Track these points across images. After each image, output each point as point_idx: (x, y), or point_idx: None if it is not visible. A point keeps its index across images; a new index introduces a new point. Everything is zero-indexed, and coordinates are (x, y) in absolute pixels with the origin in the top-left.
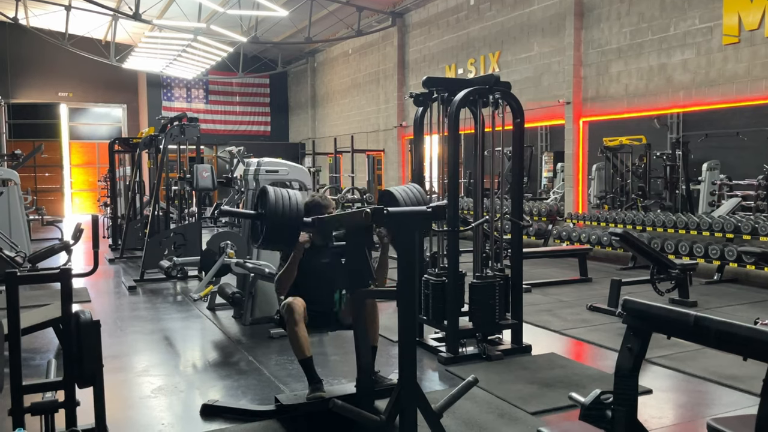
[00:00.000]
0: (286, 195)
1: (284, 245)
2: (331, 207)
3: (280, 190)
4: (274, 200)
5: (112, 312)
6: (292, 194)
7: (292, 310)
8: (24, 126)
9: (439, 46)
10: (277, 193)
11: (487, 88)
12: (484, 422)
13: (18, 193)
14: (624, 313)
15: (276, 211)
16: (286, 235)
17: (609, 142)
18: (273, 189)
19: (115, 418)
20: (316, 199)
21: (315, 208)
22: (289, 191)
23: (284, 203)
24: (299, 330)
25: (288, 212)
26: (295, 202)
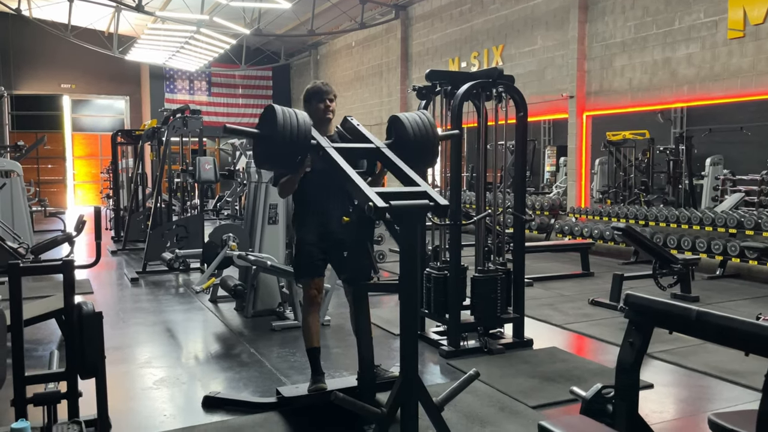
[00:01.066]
0: (293, 114)
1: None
2: (332, 93)
3: (289, 111)
4: (281, 119)
5: (115, 303)
6: (300, 114)
7: (310, 301)
8: (27, 117)
9: (442, 39)
10: (284, 112)
11: (491, 81)
12: (485, 416)
13: (21, 184)
14: (626, 307)
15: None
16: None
17: (612, 137)
18: (281, 108)
19: (117, 409)
20: (318, 85)
21: (315, 95)
22: (297, 112)
23: (291, 123)
24: (312, 320)
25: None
26: (303, 122)
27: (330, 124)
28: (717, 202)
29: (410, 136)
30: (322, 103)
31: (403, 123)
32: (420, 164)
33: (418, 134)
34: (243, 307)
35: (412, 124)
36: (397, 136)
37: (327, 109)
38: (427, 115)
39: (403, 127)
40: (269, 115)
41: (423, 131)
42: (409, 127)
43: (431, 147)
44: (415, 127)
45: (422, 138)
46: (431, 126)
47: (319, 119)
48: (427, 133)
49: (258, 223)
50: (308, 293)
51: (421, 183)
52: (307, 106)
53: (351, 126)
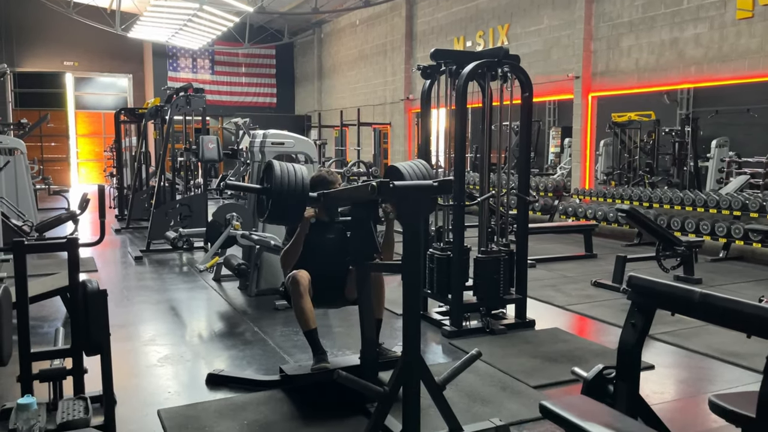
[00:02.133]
0: (291, 170)
1: (290, 220)
2: (337, 183)
3: (286, 165)
4: (279, 175)
5: (119, 282)
6: (298, 169)
7: (297, 283)
8: (30, 95)
9: (447, 17)
10: (282, 168)
11: (496, 61)
12: (486, 395)
13: (25, 162)
14: (629, 289)
15: (282, 186)
16: (291, 210)
17: (617, 118)
18: (279, 163)
19: (122, 386)
20: (323, 174)
21: (321, 184)
22: (295, 166)
23: (290, 178)
24: (304, 302)
25: (294, 187)
26: (300, 177)
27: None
28: (722, 184)
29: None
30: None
31: (401, 173)
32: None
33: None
34: (246, 286)
35: (410, 173)
36: None
37: None
38: (424, 164)
39: (401, 176)
40: (269, 171)
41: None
42: (408, 177)
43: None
44: (413, 177)
45: None
46: (429, 174)
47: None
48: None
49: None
50: (293, 275)
51: None
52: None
53: None
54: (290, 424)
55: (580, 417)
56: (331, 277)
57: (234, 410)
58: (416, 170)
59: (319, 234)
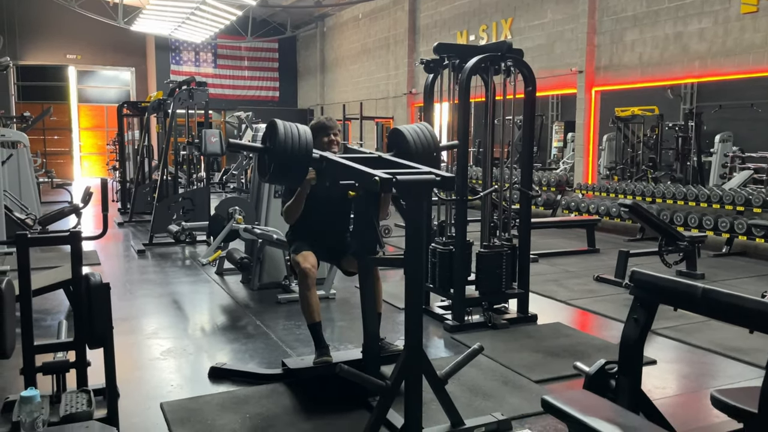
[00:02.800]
0: (295, 129)
1: (291, 181)
2: (336, 128)
3: (290, 125)
4: (283, 135)
5: (122, 275)
6: (302, 129)
7: (305, 275)
8: (32, 88)
9: (450, 11)
10: (286, 127)
11: (499, 55)
12: (488, 389)
13: (27, 155)
14: (631, 284)
15: (285, 146)
16: (294, 171)
17: (621, 113)
18: (283, 123)
19: (125, 379)
20: (322, 120)
21: (320, 130)
22: (299, 126)
23: (293, 138)
24: (311, 295)
25: (297, 147)
26: (305, 138)
27: None
28: (725, 179)
29: (412, 148)
30: (326, 137)
31: (404, 135)
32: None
33: (420, 146)
34: (249, 280)
35: (413, 136)
36: (398, 149)
37: (331, 143)
38: (428, 127)
39: (404, 139)
40: (272, 130)
41: (424, 143)
42: (411, 140)
43: (433, 159)
44: (416, 139)
45: (424, 150)
46: (432, 138)
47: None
48: (428, 144)
49: (264, 196)
50: (302, 268)
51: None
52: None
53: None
54: (292, 418)
55: (582, 412)
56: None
57: (236, 403)
58: (421, 136)
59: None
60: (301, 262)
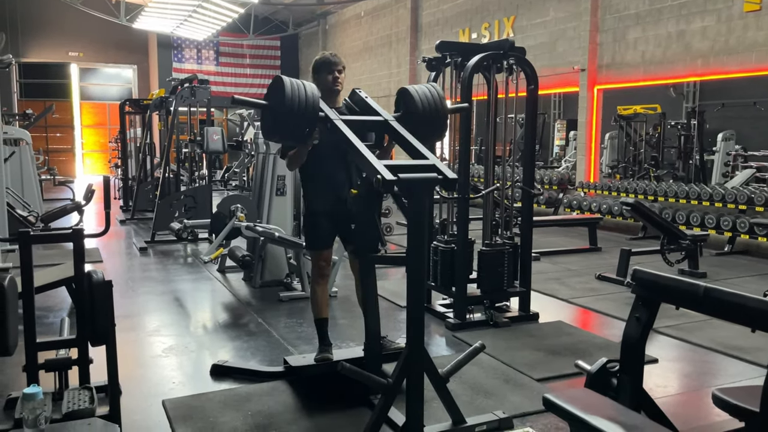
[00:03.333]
0: (301, 86)
1: (295, 140)
2: (341, 64)
3: (297, 81)
4: (290, 92)
5: (124, 272)
6: (308, 86)
7: (319, 273)
8: (35, 85)
9: (453, 9)
10: (292, 84)
11: (502, 53)
12: (490, 387)
13: (30, 152)
14: (633, 282)
15: (291, 104)
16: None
17: (623, 111)
18: (289, 80)
19: (127, 376)
20: (326, 55)
21: (324, 66)
22: (305, 83)
23: (300, 95)
24: (321, 290)
25: (303, 105)
26: (311, 96)
27: (338, 96)
28: (728, 178)
29: (419, 109)
30: (330, 74)
31: (412, 96)
32: (429, 137)
33: (427, 107)
34: (251, 278)
35: (421, 96)
36: (405, 109)
37: (335, 80)
38: (436, 88)
39: (412, 99)
40: (277, 86)
41: (432, 104)
42: (418, 100)
43: (440, 120)
44: (424, 100)
45: (431, 111)
46: (440, 99)
47: (328, 91)
48: (436, 106)
49: (266, 194)
50: (317, 264)
51: (430, 156)
52: (315, 78)
53: (359, 98)
54: (294, 415)
55: (584, 410)
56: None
57: (238, 401)
58: (428, 95)
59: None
60: (317, 259)
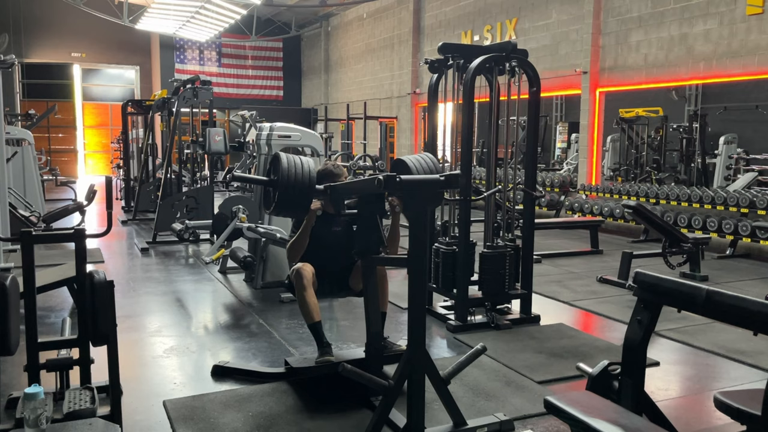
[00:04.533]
0: (298, 162)
1: (296, 212)
2: (343, 176)
3: (293, 157)
4: (286, 167)
5: (125, 273)
6: (305, 161)
7: (300, 276)
8: (37, 86)
9: (455, 11)
10: (290, 160)
11: (504, 55)
12: (491, 390)
13: (32, 153)
14: (635, 285)
15: (288, 178)
16: (298, 202)
17: (625, 114)
18: (286, 156)
19: (128, 376)
20: (329, 167)
21: (327, 177)
22: (302, 158)
23: (297, 170)
24: (308, 295)
25: (300, 179)
26: (308, 169)
27: None
28: (729, 181)
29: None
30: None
31: (407, 166)
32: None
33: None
34: (252, 279)
35: (416, 166)
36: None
37: None
38: (431, 158)
39: (407, 169)
40: (276, 163)
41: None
42: (414, 170)
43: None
44: (420, 170)
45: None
46: (436, 168)
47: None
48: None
49: None
50: (298, 270)
51: None
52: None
53: None
54: (295, 417)
55: (585, 413)
56: (336, 268)
57: (239, 402)
58: (423, 164)
59: (325, 226)
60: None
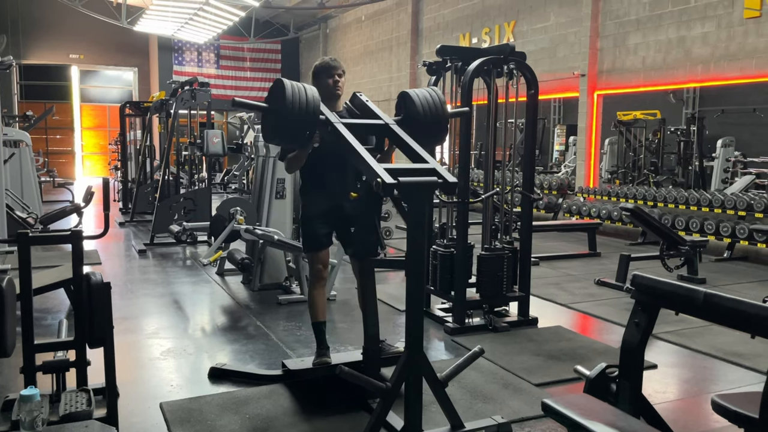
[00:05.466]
0: (302, 89)
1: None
2: (341, 69)
3: (298, 85)
4: (290, 95)
5: (123, 275)
6: (309, 89)
7: (316, 276)
8: (35, 87)
9: (453, 14)
10: (293, 87)
11: (502, 58)
12: (488, 392)
13: (30, 154)
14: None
15: (291, 107)
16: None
17: (623, 116)
18: (290, 82)
19: (125, 379)
20: (326, 60)
21: (325, 71)
22: (306, 86)
23: (300, 98)
24: (318, 293)
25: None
26: (312, 99)
27: (339, 100)
28: (727, 184)
29: (420, 112)
30: (330, 78)
31: (412, 99)
32: (429, 141)
33: (428, 111)
34: (250, 281)
35: (421, 100)
36: (406, 113)
37: (336, 84)
38: (437, 92)
39: (412, 103)
40: (278, 89)
41: (433, 108)
42: (419, 104)
43: (441, 124)
44: (425, 104)
45: (432, 115)
46: (441, 103)
47: (328, 95)
48: (436, 109)
49: (265, 197)
50: (314, 267)
51: (430, 160)
52: (315, 82)
53: (360, 102)
54: (292, 419)
55: (583, 415)
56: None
57: (236, 404)
58: (429, 99)
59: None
60: (314, 262)
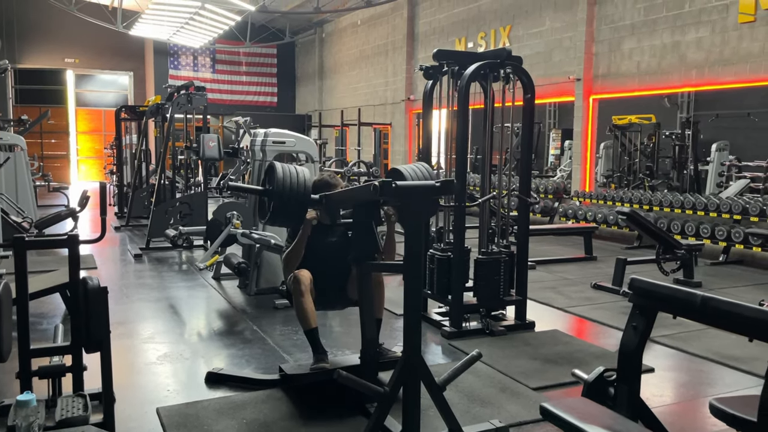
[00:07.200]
0: (294, 171)
1: (291, 222)
2: (339, 186)
3: (288, 167)
4: (282, 176)
5: (118, 279)
6: (300, 170)
7: (298, 281)
8: (30, 91)
9: (449, 18)
10: (285, 169)
11: (499, 62)
12: (486, 396)
13: (25, 158)
14: (631, 291)
15: (284, 188)
16: (293, 212)
17: (618, 121)
18: (281, 165)
19: (121, 383)
20: (325, 178)
21: (323, 187)
22: (297, 167)
23: (292, 180)
24: (305, 301)
25: (296, 189)
26: (303, 179)
27: None
28: (722, 188)
29: None
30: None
31: (402, 175)
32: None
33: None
34: (246, 285)
35: (411, 175)
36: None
37: None
38: (426, 167)
39: (402, 178)
40: (271, 172)
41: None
42: (409, 178)
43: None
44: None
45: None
46: (430, 176)
47: None
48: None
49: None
50: (295, 275)
51: None
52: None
53: None
54: (289, 424)
55: (581, 419)
56: (333, 278)
57: (233, 409)
58: (418, 173)
59: (321, 236)
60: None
